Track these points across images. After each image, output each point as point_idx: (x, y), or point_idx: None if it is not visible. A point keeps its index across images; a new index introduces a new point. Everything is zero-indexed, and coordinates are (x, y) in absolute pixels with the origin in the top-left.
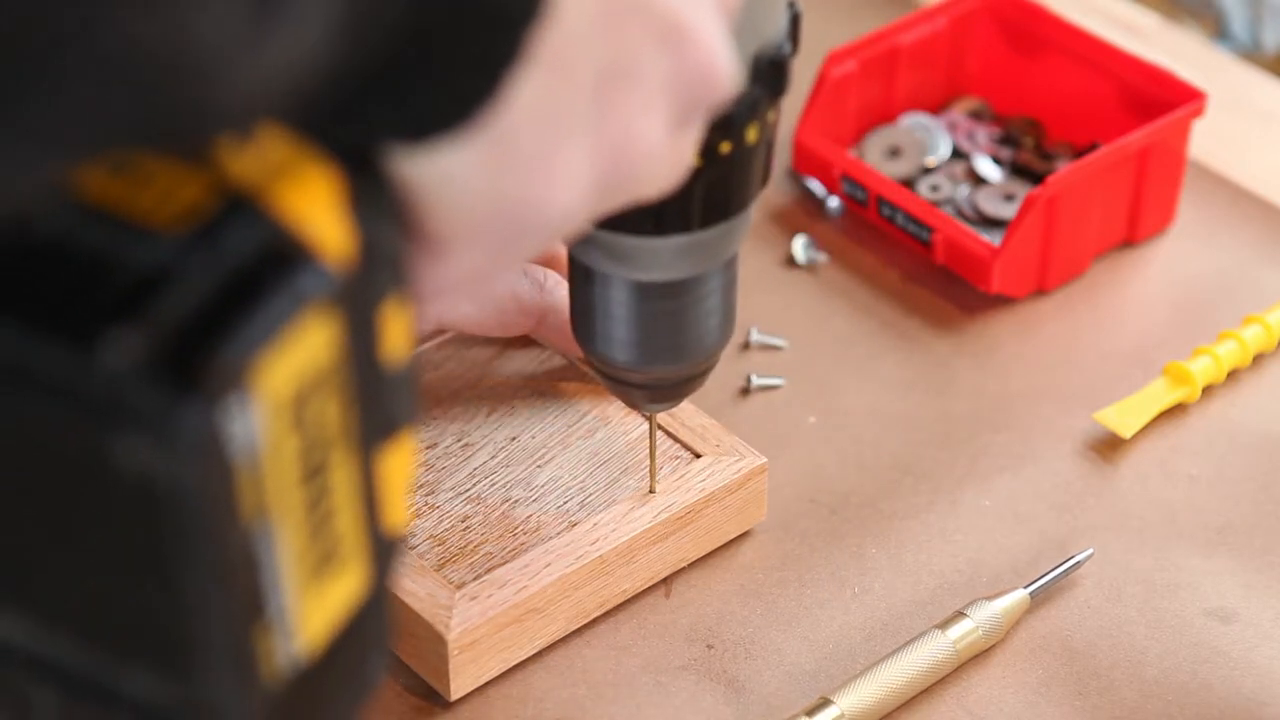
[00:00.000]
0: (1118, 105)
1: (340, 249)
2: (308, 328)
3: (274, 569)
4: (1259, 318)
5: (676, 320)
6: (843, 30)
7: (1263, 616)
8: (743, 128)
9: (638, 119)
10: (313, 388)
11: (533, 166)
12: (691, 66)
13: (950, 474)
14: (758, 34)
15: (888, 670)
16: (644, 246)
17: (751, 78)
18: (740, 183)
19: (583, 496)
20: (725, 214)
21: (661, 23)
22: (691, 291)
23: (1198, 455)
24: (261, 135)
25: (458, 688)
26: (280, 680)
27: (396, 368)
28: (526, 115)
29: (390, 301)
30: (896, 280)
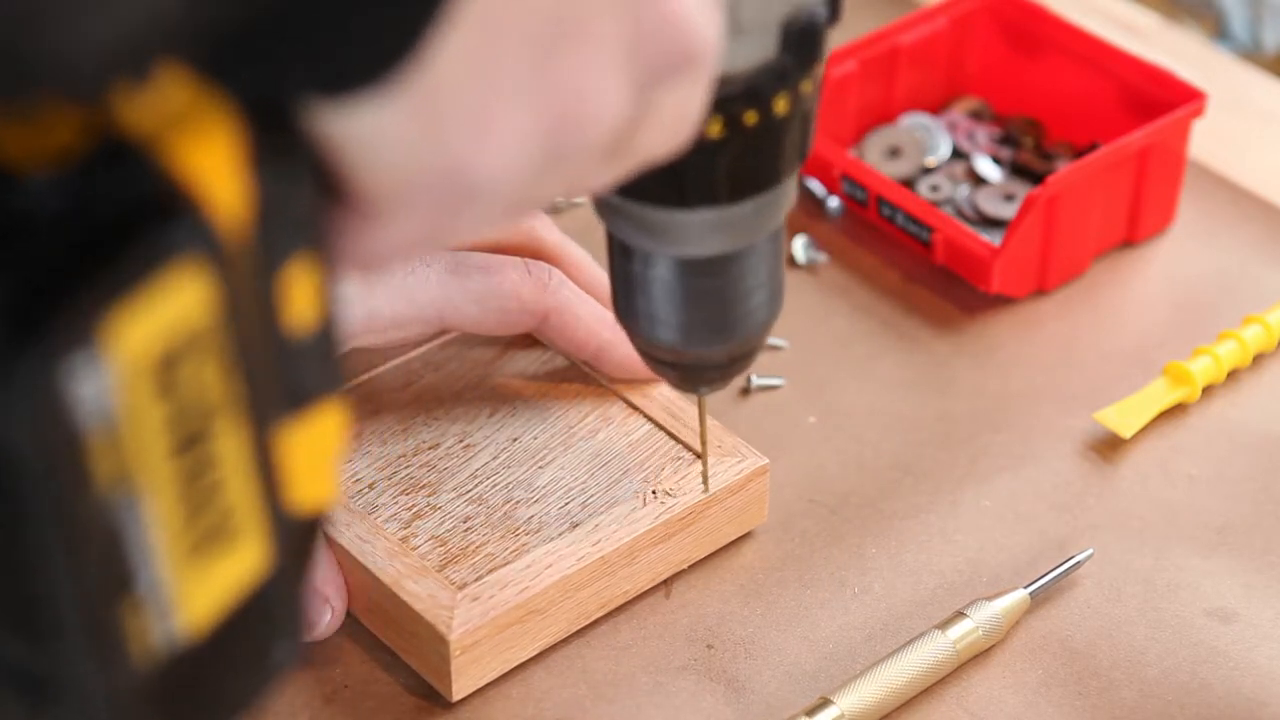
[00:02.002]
0: (1118, 105)
1: (231, 206)
2: (177, 285)
3: (143, 543)
4: (1259, 318)
5: (718, 298)
6: (843, 30)
7: (1263, 616)
8: (769, 98)
9: (589, 80)
10: (184, 351)
11: (464, 126)
12: (657, 24)
13: (950, 474)
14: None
15: (888, 670)
16: (673, 220)
17: (781, 45)
18: (770, 155)
19: (584, 497)
20: (756, 187)
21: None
22: (731, 268)
23: (1198, 455)
24: (160, 79)
25: (459, 688)
26: (155, 659)
27: (303, 335)
28: (455, 73)
29: (296, 265)
30: (896, 280)
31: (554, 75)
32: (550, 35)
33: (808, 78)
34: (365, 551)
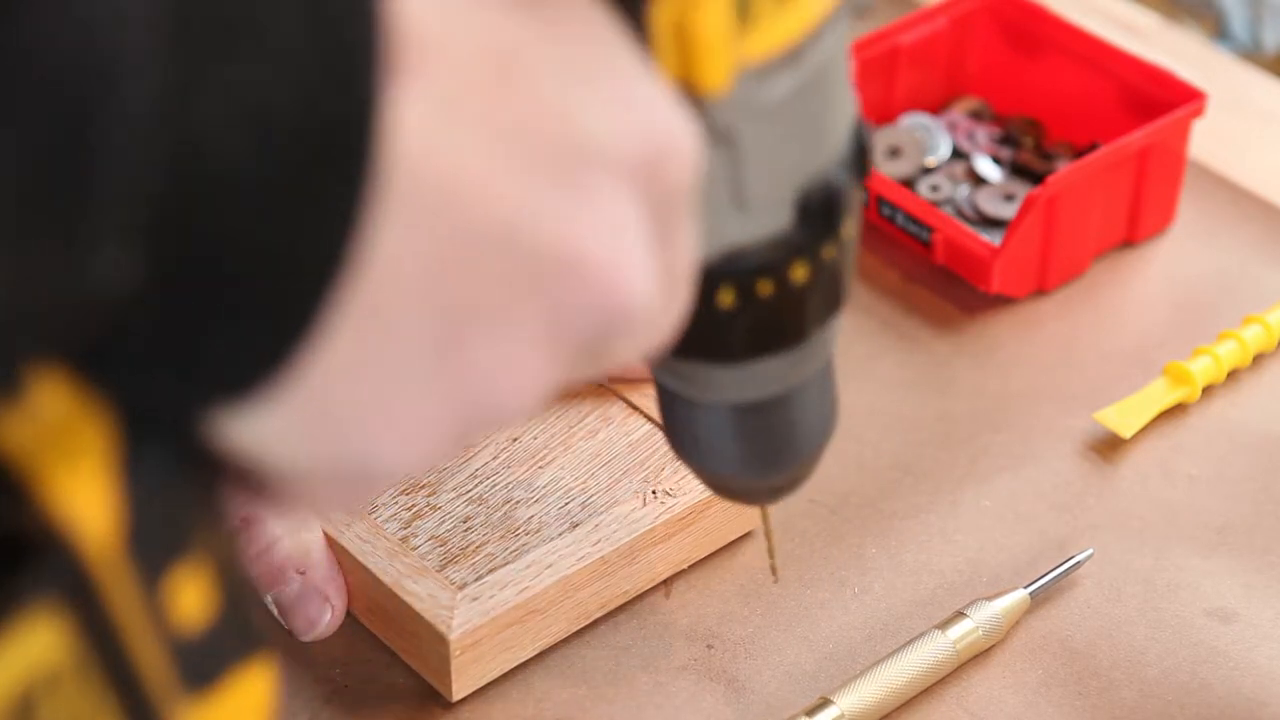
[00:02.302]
0: (1118, 105)
1: (102, 531)
2: (31, 630)
3: None
4: (1259, 318)
5: (767, 434)
6: None
7: (1263, 616)
8: (785, 268)
9: (502, 363)
10: (44, 690)
11: (359, 424)
12: (578, 292)
13: (950, 474)
14: (802, 164)
15: (888, 670)
16: (699, 372)
17: (797, 216)
18: (793, 318)
19: (584, 497)
20: (783, 346)
21: (533, 260)
22: (776, 408)
23: (1198, 455)
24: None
25: (459, 688)
26: None
27: (198, 628)
28: (345, 370)
29: (180, 569)
30: (896, 280)
31: (461, 362)
32: (454, 322)
33: (831, 242)
34: (365, 551)
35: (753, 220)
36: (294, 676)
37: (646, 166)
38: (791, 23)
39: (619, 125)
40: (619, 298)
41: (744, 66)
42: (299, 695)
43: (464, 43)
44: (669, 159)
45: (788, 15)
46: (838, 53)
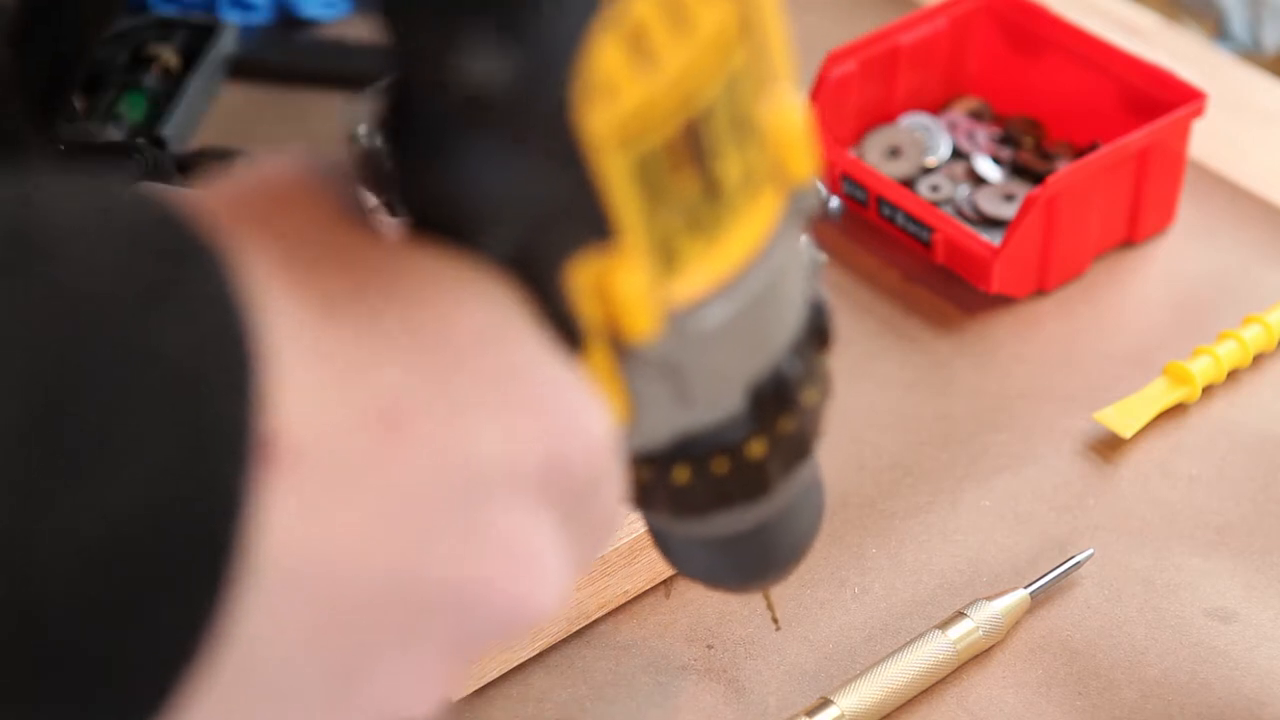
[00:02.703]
0: (1118, 105)
1: None
2: None
3: None
4: (1259, 318)
5: (749, 556)
6: (843, 30)
7: (1263, 616)
8: (740, 446)
9: (404, 688)
10: None
11: None
12: (490, 625)
13: (950, 474)
14: (749, 366)
15: (888, 670)
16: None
17: (749, 404)
18: (755, 480)
19: None
20: (748, 501)
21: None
22: (749, 539)
23: (1198, 455)
24: None
25: (459, 688)
26: None
27: None
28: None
29: None
30: (896, 280)
31: (358, 697)
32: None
33: (788, 416)
34: None
35: (702, 413)
36: None
37: (551, 470)
38: (722, 262)
39: (516, 440)
40: (529, 612)
41: (675, 308)
42: None
43: (340, 416)
44: (575, 454)
45: (717, 256)
46: (785, 262)
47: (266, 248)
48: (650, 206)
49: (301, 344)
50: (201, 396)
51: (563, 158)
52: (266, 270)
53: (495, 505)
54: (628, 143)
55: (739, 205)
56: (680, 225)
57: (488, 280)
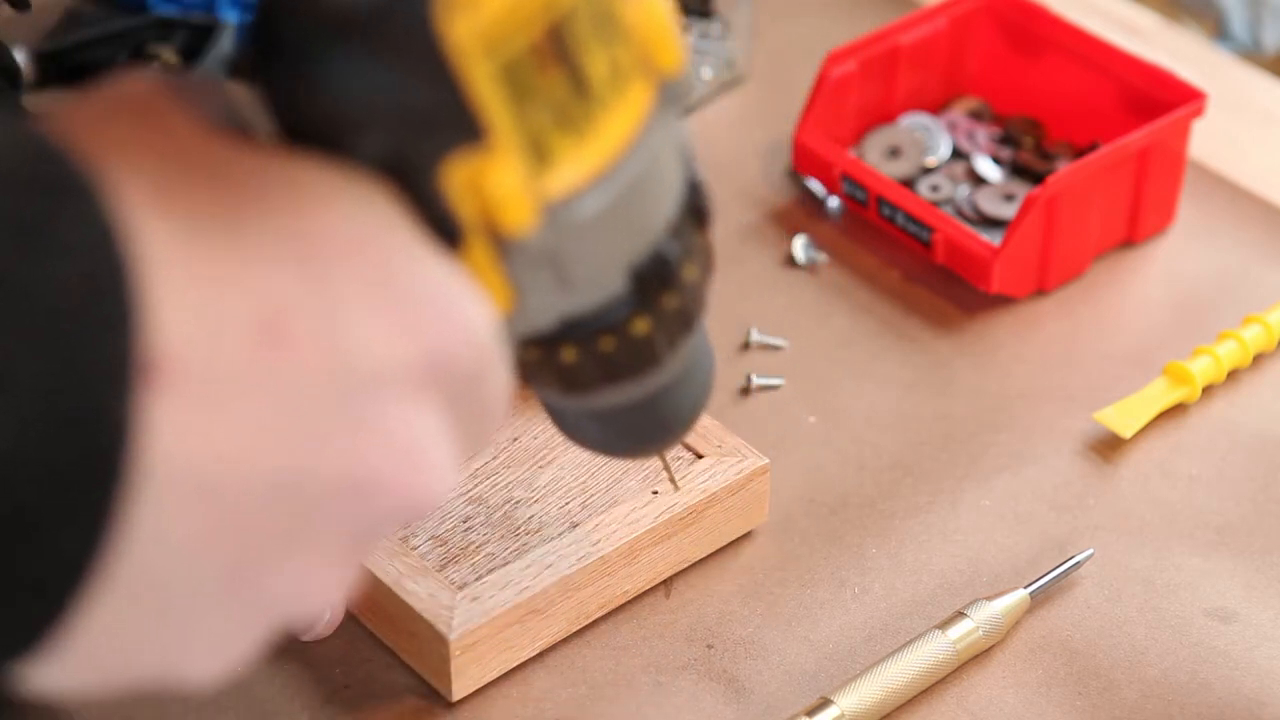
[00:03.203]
0: (1118, 105)
1: None
2: None
3: None
4: (1259, 318)
5: (639, 424)
6: (843, 30)
7: (1263, 616)
8: (624, 325)
9: (303, 580)
10: None
11: (151, 655)
12: (382, 515)
13: (950, 474)
14: (628, 249)
15: (888, 670)
16: (558, 396)
17: (630, 284)
18: (642, 356)
19: (584, 497)
20: (636, 375)
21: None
22: (642, 406)
23: (1198, 455)
24: None
25: (459, 688)
26: None
27: None
28: (120, 624)
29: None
30: (896, 280)
31: (258, 589)
32: (241, 564)
33: (671, 293)
34: None
35: (584, 296)
36: (294, 676)
37: (434, 365)
38: (594, 154)
39: (394, 340)
40: (420, 500)
41: (549, 201)
42: (299, 695)
43: (222, 331)
44: (457, 347)
45: (589, 149)
46: (658, 149)
47: (137, 167)
48: (519, 107)
49: (178, 263)
50: (79, 327)
51: (429, 67)
52: (139, 191)
53: (380, 402)
54: (492, 49)
55: (608, 99)
56: (550, 122)
57: (362, 185)
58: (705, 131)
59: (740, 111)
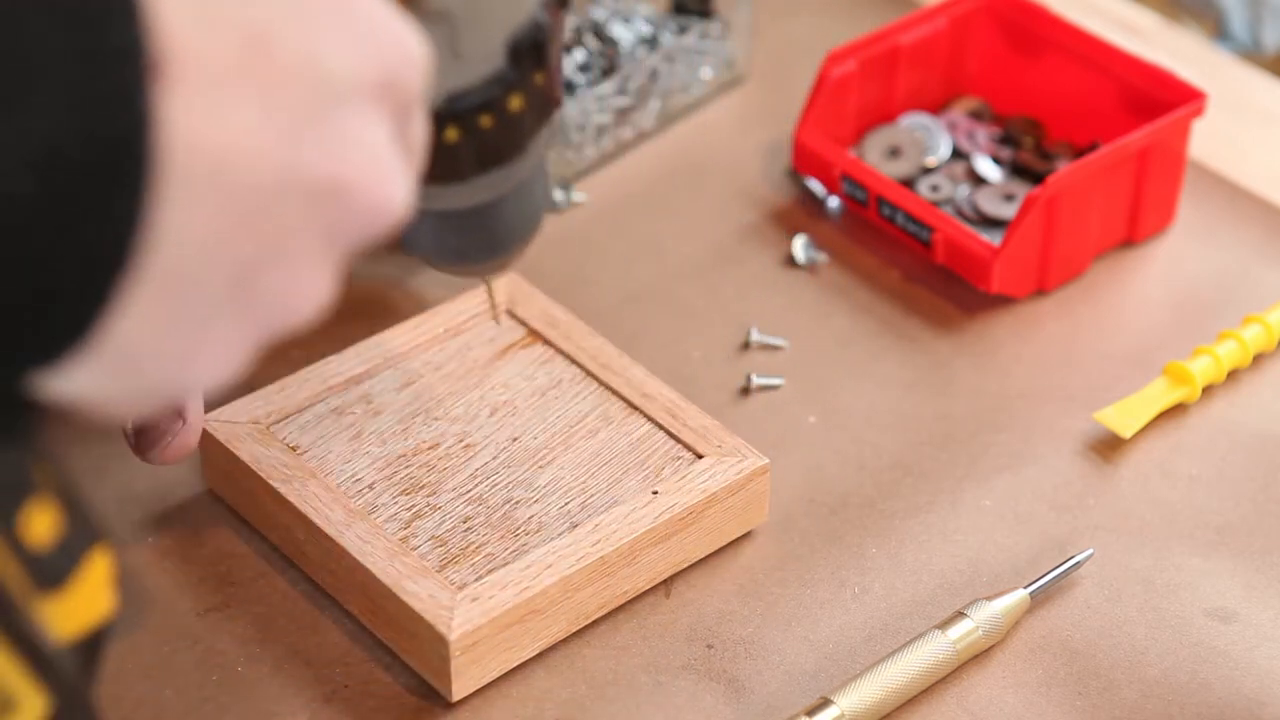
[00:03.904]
0: (1118, 105)
1: None
2: None
3: None
4: (1259, 318)
5: (486, 230)
6: (843, 30)
7: (1263, 616)
8: (502, 101)
9: (292, 286)
10: None
11: (167, 363)
12: (355, 221)
13: (950, 474)
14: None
15: (888, 670)
16: (429, 190)
17: (508, 58)
18: (513, 137)
19: (584, 497)
20: (503, 161)
21: (306, 198)
22: (493, 209)
23: (1198, 455)
24: None
25: (459, 688)
26: None
27: (48, 545)
28: (147, 327)
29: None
30: (896, 280)
31: (256, 294)
32: (245, 266)
33: (541, 70)
34: (365, 552)
35: (470, 68)
36: (294, 676)
37: (385, 85)
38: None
39: (357, 58)
40: (384, 209)
41: None
42: (299, 695)
43: (216, 33)
44: (403, 70)
45: None
46: None
47: None
48: None
49: None
50: (98, 27)
51: None
52: None
53: (351, 113)
54: None
55: None
56: None
57: None
58: (705, 131)
59: (740, 111)
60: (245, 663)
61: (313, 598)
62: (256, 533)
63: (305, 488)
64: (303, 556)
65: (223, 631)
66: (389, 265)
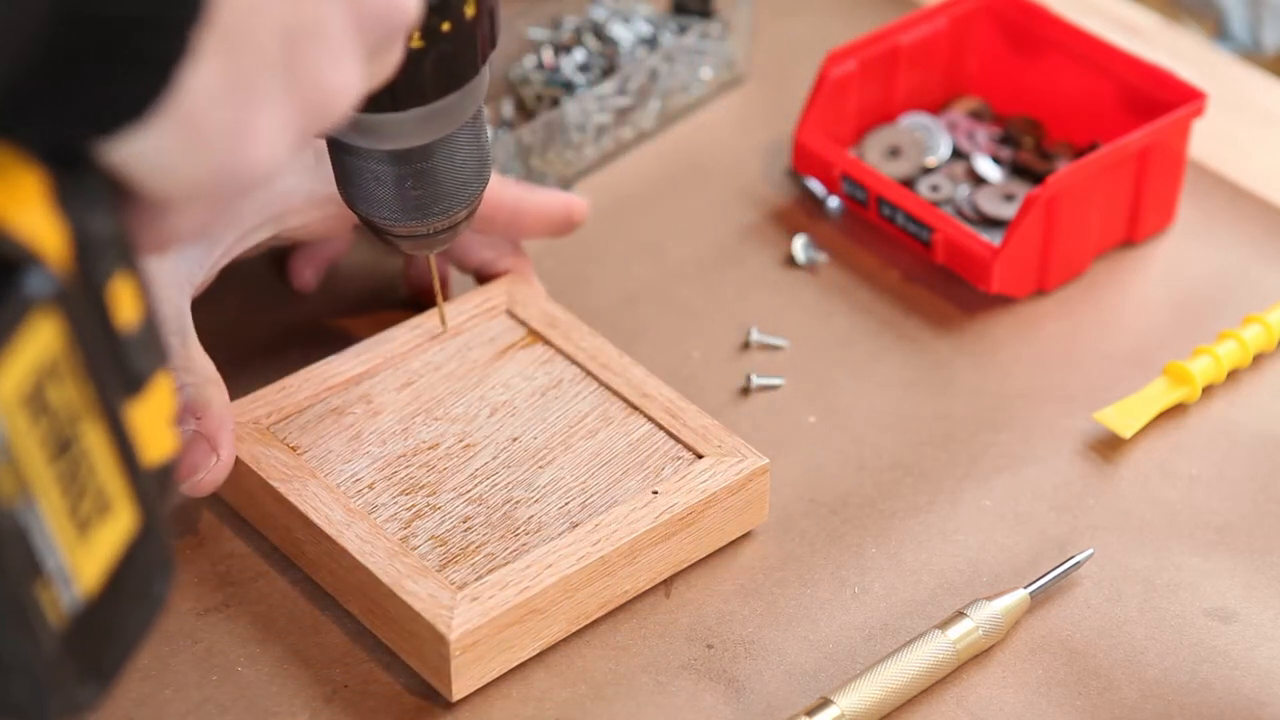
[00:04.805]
0: (1118, 105)
1: (56, 246)
2: (36, 329)
3: (45, 534)
4: (1259, 318)
5: (429, 179)
6: (843, 30)
7: (1263, 616)
8: (460, 7)
9: (330, 71)
10: (48, 378)
11: (227, 137)
12: (377, 11)
13: (950, 474)
14: None
15: (888, 670)
16: (387, 120)
17: None
18: (467, 53)
19: (584, 497)
20: (458, 82)
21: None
22: (439, 152)
23: (1198, 455)
24: None
25: (459, 688)
26: (65, 621)
27: (132, 330)
28: (209, 95)
29: (118, 277)
30: (896, 280)
31: (301, 74)
32: (291, 39)
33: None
34: (365, 552)
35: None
36: (294, 676)
37: None
38: None
39: None
40: (404, 7)
41: None
42: (299, 695)
43: None
44: None
45: None
46: None
47: None
48: None
49: None
50: None
51: None
52: None
53: None
54: None
55: None
56: None
57: None
58: (705, 131)
59: (740, 111)
60: (245, 663)
61: (313, 598)
62: (256, 533)
63: (305, 488)
64: (303, 556)
65: (223, 631)
66: (389, 265)
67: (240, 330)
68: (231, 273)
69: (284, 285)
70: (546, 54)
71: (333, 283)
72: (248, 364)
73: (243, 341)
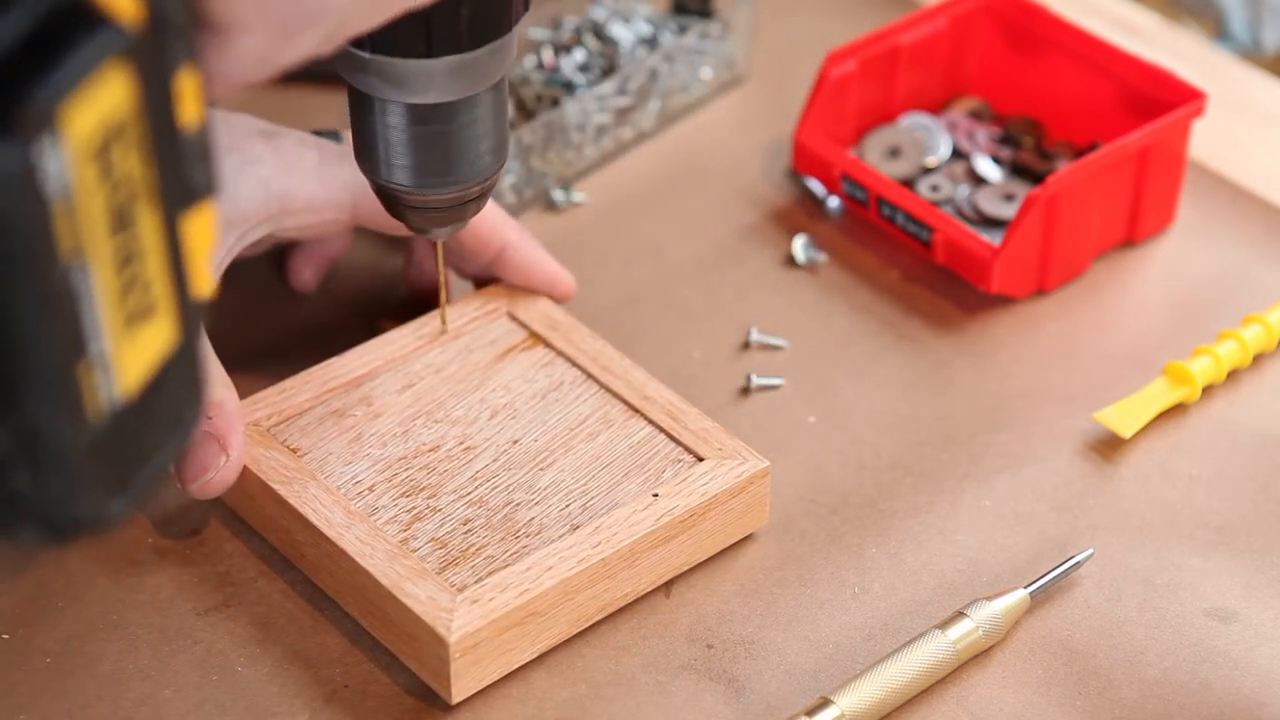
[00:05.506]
0: (1118, 105)
1: (134, 14)
2: (108, 79)
3: (92, 309)
4: (1259, 318)
5: (450, 142)
6: (843, 30)
7: (1263, 616)
8: None
9: None
10: (115, 136)
11: None
12: None
13: (950, 474)
14: None
15: (888, 670)
16: (418, 69)
17: None
18: (502, 6)
19: (585, 500)
20: (492, 34)
21: None
22: (463, 114)
23: (1198, 455)
24: None
25: (459, 691)
26: (102, 417)
27: (192, 133)
28: None
29: (184, 70)
30: (896, 280)
31: None
32: None
33: None
34: (365, 554)
35: None
36: (294, 676)
37: None
38: None
39: None
40: None
41: None
42: (299, 695)
43: None
44: None
45: None
46: None
47: None
48: None
49: None
50: None
51: None
52: None
53: None
54: None
55: None
56: None
57: None
58: (705, 131)
59: (740, 111)
60: (245, 663)
61: (313, 598)
62: (256, 533)
63: (305, 490)
64: (303, 558)
65: (223, 631)
66: (389, 265)
67: (240, 330)
68: (231, 273)
69: (284, 285)
70: (546, 54)
71: (333, 283)
72: (248, 364)
73: (243, 342)
